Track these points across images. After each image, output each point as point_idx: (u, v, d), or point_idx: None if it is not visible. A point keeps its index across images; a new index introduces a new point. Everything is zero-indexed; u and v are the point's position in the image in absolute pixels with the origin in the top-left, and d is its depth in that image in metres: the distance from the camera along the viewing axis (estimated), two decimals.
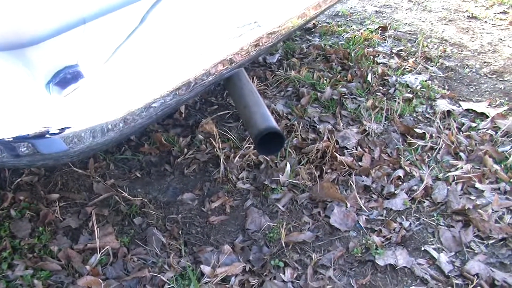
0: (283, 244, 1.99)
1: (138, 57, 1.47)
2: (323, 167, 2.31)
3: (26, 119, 1.30)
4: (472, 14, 3.96)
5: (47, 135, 1.30)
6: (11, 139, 1.30)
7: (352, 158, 2.36)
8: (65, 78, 1.30)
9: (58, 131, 1.30)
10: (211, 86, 1.89)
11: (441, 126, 2.59)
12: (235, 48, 1.74)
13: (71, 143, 1.34)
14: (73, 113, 1.33)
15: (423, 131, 2.54)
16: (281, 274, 1.88)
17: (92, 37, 1.39)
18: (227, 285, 1.83)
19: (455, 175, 2.28)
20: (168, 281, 1.83)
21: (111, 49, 1.41)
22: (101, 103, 1.37)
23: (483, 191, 2.21)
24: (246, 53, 1.80)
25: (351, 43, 3.35)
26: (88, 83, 1.34)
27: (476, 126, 2.61)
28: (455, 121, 2.63)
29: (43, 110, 1.30)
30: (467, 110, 2.75)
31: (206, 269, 1.88)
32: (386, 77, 2.99)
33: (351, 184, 2.23)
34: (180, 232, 2.05)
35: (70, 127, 1.32)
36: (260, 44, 1.86)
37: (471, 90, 2.96)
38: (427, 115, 2.70)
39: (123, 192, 2.17)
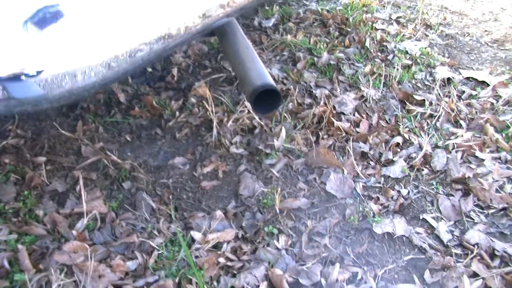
0: (277, 211, 1.93)
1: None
2: (320, 133, 2.24)
3: (0, 60, 1.21)
4: None
5: (22, 77, 1.21)
6: None
7: (349, 124, 2.29)
8: (44, 17, 1.21)
9: (34, 74, 1.22)
10: (200, 35, 1.81)
11: (440, 94, 2.52)
12: None
13: (49, 87, 1.25)
14: (52, 55, 1.24)
15: (422, 98, 2.47)
16: (275, 241, 1.82)
17: None
18: (219, 252, 1.78)
19: (455, 143, 2.23)
20: (157, 247, 1.78)
21: None
22: (83, 45, 1.29)
23: (483, 160, 2.16)
24: (237, 1, 1.72)
25: (349, 9, 3.26)
26: (69, 23, 1.25)
27: (476, 95, 2.54)
28: (455, 89, 2.56)
29: (19, 51, 1.21)
30: (468, 78, 2.69)
31: (197, 235, 1.82)
32: (384, 43, 2.91)
33: (348, 150, 2.16)
34: (170, 197, 1.98)
35: (47, 70, 1.23)
36: None
37: (472, 58, 2.90)
38: (426, 82, 2.63)
39: (112, 156, 2.10)
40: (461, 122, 2.35)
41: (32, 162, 2.08)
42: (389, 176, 2.09)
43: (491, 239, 1.84)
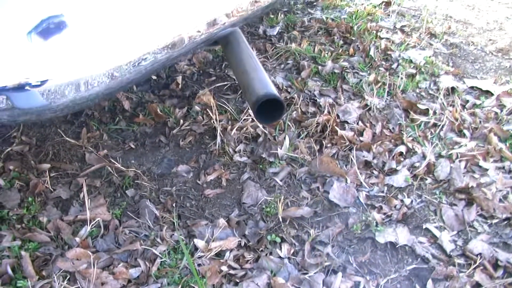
0: (280, 219, 1.93)
1: (129, 10, 1.40)
2: (323, 141, 2.24)
3: (4, 70, 1.21)
4: None
5: (27, 87, 1.22)
6: None
7: (353, 132, 2.29)
8: (48, 27, 1.22)
9: (38, 83, 1.22)
10: (204, 45, 1.82)
11: (444, 103, 2.51)
12: (231, 4, 1.67)
13: (52, 97, 1.26)
14: (55, 65, 1.25)
15: (426, 107, 2.47)
16: (277, 250, 1.82)
17: None
18: (221, 260, 1.78)
19: (459, 152, 2.22)
20: (160, 255, 1.78)
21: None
22: (86, 55, 1.29)
23: (487, 169, 2.15)
24: (243, 10, 1.72)
25: (353, 18, 3.26)
26: (73, 33, 1.26)
27: (480, 104, 2.53)
28: (459, 98, 2.55)
29: (23, 61, 1.22)
30: (472, 87, 2.68)
31: (199, 243, 1.82)
32: (389, 52, 2.91)
33: (351, 159, 2.16)
34: (174, 205, 1.99)
35: (51, 80, 1.24)
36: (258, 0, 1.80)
37: (476, 67, 2.89)
38: (430, 91, 2.63)
39: (116, 163, 2.11)
40: (465, 131, 2.35)
41: (37, 169, 2.10)
42: (392, 185, 2.09)
43: (494, 249, 1.84)
